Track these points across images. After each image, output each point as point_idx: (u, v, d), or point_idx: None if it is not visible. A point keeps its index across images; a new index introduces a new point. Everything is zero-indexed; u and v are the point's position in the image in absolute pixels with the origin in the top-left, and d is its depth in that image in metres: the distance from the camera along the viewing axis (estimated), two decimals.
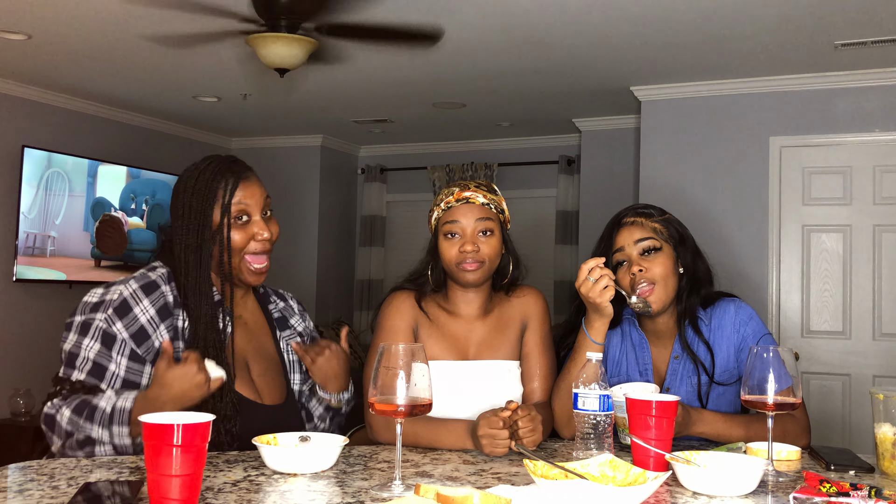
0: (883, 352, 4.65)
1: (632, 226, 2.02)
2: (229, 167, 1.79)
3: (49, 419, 1.59)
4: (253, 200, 1.79)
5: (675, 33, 4.10)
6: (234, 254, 1.77)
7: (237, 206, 1.76)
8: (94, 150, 6.01)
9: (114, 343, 1.63)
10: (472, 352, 2.00)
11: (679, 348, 2.04)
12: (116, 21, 4.06)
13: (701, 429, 1.86)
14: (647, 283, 1.96)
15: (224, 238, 1.75)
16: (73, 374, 1.63)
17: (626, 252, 2.00)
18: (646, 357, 2.06)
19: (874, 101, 4.69)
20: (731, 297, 2.09)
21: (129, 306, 1.66)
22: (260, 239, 1.79)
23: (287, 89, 5.45)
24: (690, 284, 2.03)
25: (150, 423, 1.17)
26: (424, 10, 3.80)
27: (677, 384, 2.03)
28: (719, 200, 5.00)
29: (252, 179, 1.81)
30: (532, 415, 1.70)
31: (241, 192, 1.77)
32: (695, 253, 2.06)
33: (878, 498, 1.27)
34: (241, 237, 1.77)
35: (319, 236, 7.14)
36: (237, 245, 1.77)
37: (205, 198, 1.75)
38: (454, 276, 1.96)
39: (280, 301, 2.00)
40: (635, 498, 1.25)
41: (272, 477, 1.45)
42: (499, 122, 6.38)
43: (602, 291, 1.82)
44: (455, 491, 1.19)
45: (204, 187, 1.75)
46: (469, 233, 1.93)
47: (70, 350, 1.65)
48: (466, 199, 1.95)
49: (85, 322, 1.66)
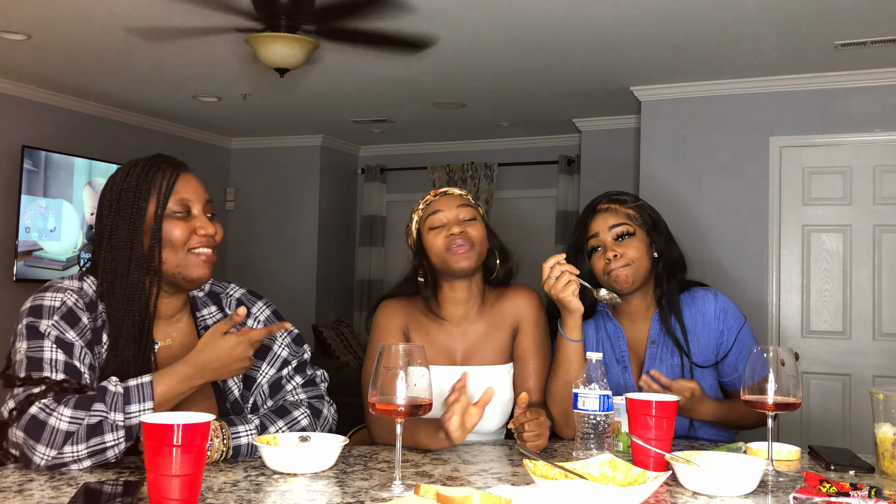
0: (883, 352, 4.65)
1: (606, 212, 2.07)
2: (167, 160, 1.66)
3: (36, 425, 1.41)
4: (195, 195, 1.64)
5: (675, 33, 4.10)
6: (174, 251, 1.61)
7: (177, 197, 1.61)
8: (94, 150, 6.01)
9: (72, 348, 1.54)
10: (460, 357, 1.99)
11: (655, 332, 2.08)
12: (116, 21, 4.06)
13: (707, 411, 1.94)
14: (621, 265, 2.00)
15: (159, 231, 1.59)
16: (53, 375, 1.49)
17: (601, 238, 2.04)
18: (621, 345, 2.10)
19: (874, 101, 4.69)
20: (705, 286, 2.14)
21: (76, 315, 1.57)
22: (202, 234, 1.63)
23: (287, 89, 5.45)
24: (666, 269, 2.08)
25: (150, 423, 1.16)
26: (424, 9, 3.80)
27: (656, 366, 2.05)
28: (719, 200, 4.99)
29: (191, 174, 1.67)
30: (540, 420, 1.70)
31: (180, 184, 1.62)
32: (668, 238, 2.11)
33: (878, 498, 1.27)
34: (181, 231, 1.61)
35: (319, 236, 7.14)
36: (178, 241, 1.61)
37: (138, 191, 1.59)
38: (446, 266, 1.94)
39: (217, 309, 1.77)
40: (635, 498, 1.25)
41: (272, 477, 1.44)
42: (499, 122, 6.38)
43: (564, 286, 1.83)
44: (455, 491, 1.19)
45: (136, 181, 1.60)
46: (453, 219, 1.95)
47: (30, 355, 1.51)
48: (444, 192, 2.01)
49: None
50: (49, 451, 1.41)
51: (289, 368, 1.76)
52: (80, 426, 1.42)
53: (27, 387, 1.47)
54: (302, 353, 1.79)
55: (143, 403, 1.47)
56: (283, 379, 1.75)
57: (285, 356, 1.76)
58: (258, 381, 1.74)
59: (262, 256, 7.22)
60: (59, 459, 1.42)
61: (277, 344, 1.77)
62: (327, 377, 1.81)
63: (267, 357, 1.75)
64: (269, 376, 1.74)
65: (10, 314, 1.69)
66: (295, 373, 1.76)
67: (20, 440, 1.43)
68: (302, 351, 1.79)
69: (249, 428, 1.58)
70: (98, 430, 1.43)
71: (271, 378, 1.74)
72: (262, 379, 1.74)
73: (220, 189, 7.33)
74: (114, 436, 1.44)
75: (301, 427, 1.66)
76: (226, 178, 7.43)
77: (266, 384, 1.74)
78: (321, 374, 1.80)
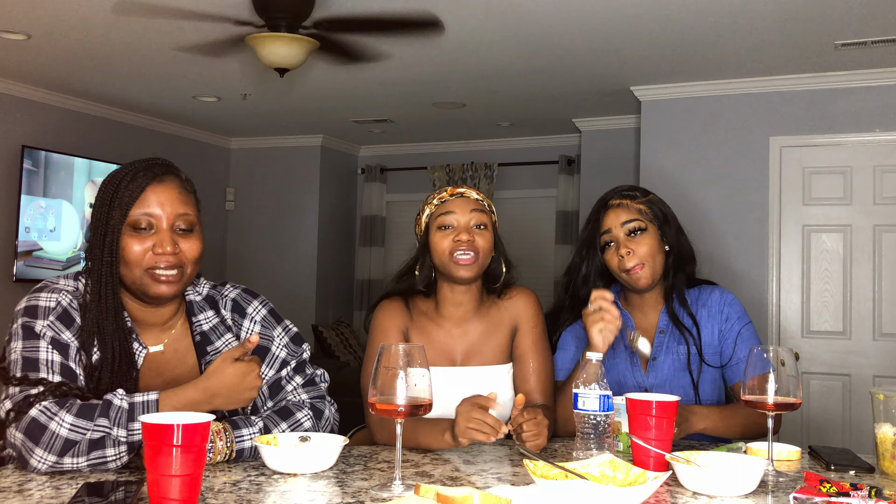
0: (883, 352, 4.65)
1: (618, 208, 2.09)
2: (146, 168, 1.58)
3: (36, 428, 1.40)
4: (161, 208, 1.55)
5: (675, 33, 4.10)
6: (129, 269, 1.55)
7: (140, 211, 1.54)
8: (94, 150, 6.01)
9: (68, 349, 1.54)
10: (459, 358, 1.99)
11: (664, 322, 2.10)
12: (116, 21, 4.05)
13: (701, 424, 1.89)
14: (636, 263, 2.02)
15: (116, 247, 1.54)
16: (50, 376, 1.48)
17: (614, 234, 2.06)
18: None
19: (874, 101, 4.69)
20: (713, 283, 2.16)
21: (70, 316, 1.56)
22: (158, 252, 1.54)
23: (287, 89, 5.45)
24: (676, 262, 2.11)
25: (150, 423, 1.16)
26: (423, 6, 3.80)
27: (663, 355, 2.07)
28: (719, 200, 5.00)
29: (169, 184, 1.58)
30: (538, 419, 1.69)
31: (149, 197, 1.55)
32: (678, 231, 2.14)
33: (878, 498, 1.27)
34: (138, 248, 1.54)
35: (319, 236, 7.14)
36: (134, 258, 1.54)
37: (106, 201, 1.55)
38: (447, 271, 1.93)
39: (213, 313, 1.73)
40: (635, 498, 1.25)
41: (272, 477, 1.44)
42: (499, 122, 6.38)
43: (593, 322, 1.87)
44: (455, 491, 1.19)
45: (112, 191, 1.56)
46: (463, 224, 1.93)
47: (26, 356, 1.50)
48: (461, 193, 1.96)
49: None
50: (48, 455, 1.39)
51: (288, 369, 1.75)
52: (82, 438, 1.41)
53: (24, 387, 1.46)
54: (301, 353, 1.78)
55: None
56: (282, 379, 1.74)
57: (284, 356, 1.75)
58: None
59: (262, 256, 7.22)
60: (58, 467, 1.41)
61: (275, 344, 1.75)
62: (327, 377, 1.81)
63: (265, 358, 1.74)
64: (268, 377, 1.74)
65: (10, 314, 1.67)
66: (295, 373, 1.75)
67: (18, 442, 1.41)
68: (301, 350, 1.78)
69: (253, 431, 1.57)
70: (100, 444, 1.42)
71: (270, 379, 1.74)
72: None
73: (220, 189, 7.33)
74: (115, 451, 1.43)
75: (304, 429, 1.66)
76: (226, 178, 7.43)
77: (265, 385, 1.74)
78: (321, 373, 1.80)
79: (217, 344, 1.71)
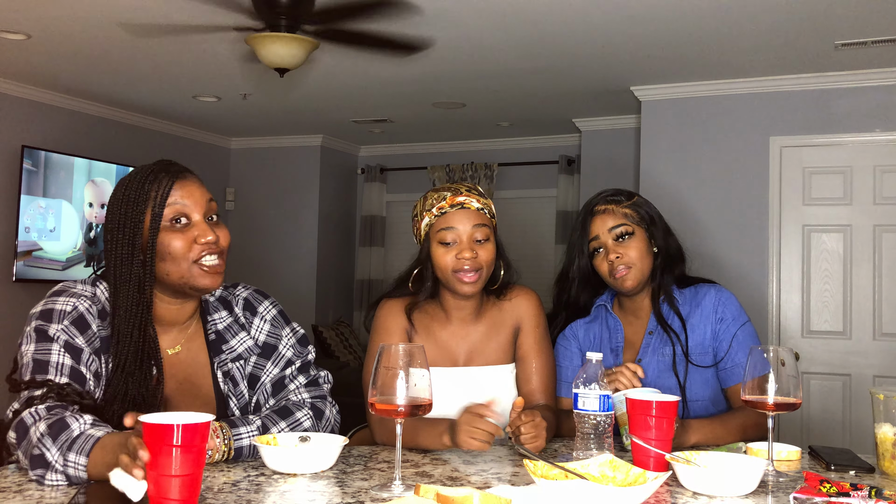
0: (883, 352, 4.65)
1: (604, 214, 2.07)
2: (165, 168, 1.61)
3: (20, 431, 1.40)
4: (191, 200, 1.59)
5: (675, 33, 4.10)
6: (177, 263, 1.57)
7: (172, 207, 1.57)
8: (93, 150, 6.01)
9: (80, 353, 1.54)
10: (462, 358, 1.98)
11: (653, 324, 2.09)
12: (116, 21, 4.06)
13: (694, 438, 1.85)
14: (624, 266, 2.02)
15: (153, 244, 1.55)
16: (57, 378, 1.47)
17: (602, 240, 2.05)
18: (618, 336, 2.11)
19: (874, 101, 4.69)
20: (712, 282, 2.15)
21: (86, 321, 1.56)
22: (203, 242, 1.58)
23: (287, 89, 5.45)
24: (665, 262, 2.10)
25: (150, 423, 1.16)
26: (426, 9, 3.79)
27: (648, 356, 2.07)
28: (719, 200, 5.00)
29: (191, 179, 1.62)
30: (536, 421, 1.69)
31: (176, 193, 1.58)
32: (666, 231, 2.12)
33: (879, 498, 1.27)
34: (181, 242, 1.57)
35: (319, 236, 7.15)
36: (179, 252, 1.57)
37: (135, 204, 1.56)
38: (450, 286, 1.91)
39: (227, 313, 1.74)
40: (635, 498, 1.25)
41: (272, 477, 1.44)
42: (499, 122, 6.38)
43: (608, 383, 1.76)
44: (455, 491, 1.19)
45: (134, 193, 1.57)
46: (466, 239, 1.88)
47: (37, 357, 1.49)
48: (461, 204, 1.88)
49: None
50: (24, 459, 1.38)
51: (292, 368, 1.75)
52: (37, 448, 1.35)
53: (31, 390, 1.46)
54: (306, 354, 1.78)
55: (79, 456, 1.33)
56: (286, 378, 1.74)
57: (289, 356, 1.76)
58: (262, 381, 1.74)
59: (262, 256, 7.22)
60: (31, 475, 1.37)
61: (283, 344, 1.76)
62: (331, 378, 1.81)
63: (272, 357, 1.75)
64: (273, 375, 1.75)
65: (10, 314, 1.67)
66: (298, 373, 1.76)
67: (10, 442, 1.44)
68: (306, 352, 1.79)
69: (251, 429, 1.57)
70: (42, 464, 1.34)
71: (275, 377, 1.74)
72: (266, 378, 1.74)
73: (220, 189, 7.33)
74: (53, 476, 1.34)
75: (303, 428, 1.66)
76: (226, 178, 7.43)
77: (269, 383, 1.74)
78: (325, 374, 1.80)
79: (232, 343, 1.72)
